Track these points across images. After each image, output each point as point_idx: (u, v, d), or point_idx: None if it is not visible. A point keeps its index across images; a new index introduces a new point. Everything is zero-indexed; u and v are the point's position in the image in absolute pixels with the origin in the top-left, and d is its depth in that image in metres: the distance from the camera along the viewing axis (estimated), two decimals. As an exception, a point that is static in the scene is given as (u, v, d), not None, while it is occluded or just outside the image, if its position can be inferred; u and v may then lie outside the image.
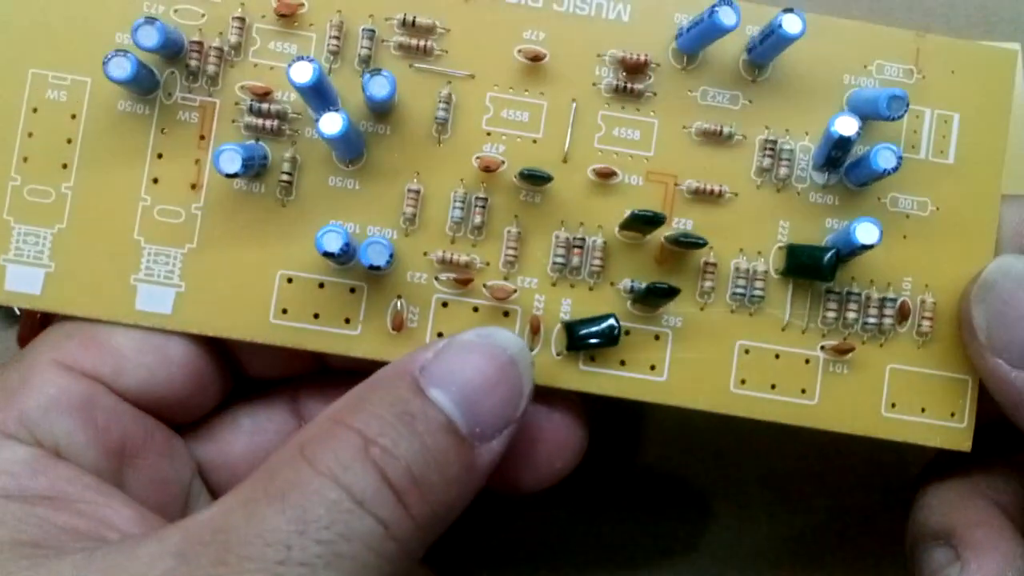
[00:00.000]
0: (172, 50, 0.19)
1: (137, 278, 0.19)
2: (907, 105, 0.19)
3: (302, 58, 0.18)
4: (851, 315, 0.20)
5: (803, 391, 0.20)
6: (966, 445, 0.20)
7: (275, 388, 0.22)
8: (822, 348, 0.20)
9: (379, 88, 0.18)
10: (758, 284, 0.20)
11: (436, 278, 0.20)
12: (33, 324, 0.24)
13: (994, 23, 0.31)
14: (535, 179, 0.19)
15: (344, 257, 0.19)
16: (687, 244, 0.19)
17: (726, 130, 0.20)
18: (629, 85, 0.20)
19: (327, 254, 0.18)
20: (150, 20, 0.18)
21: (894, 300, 0.20)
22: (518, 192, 0.20)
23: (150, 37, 0.18)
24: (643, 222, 0.19)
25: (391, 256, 0.18)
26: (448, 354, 0.18)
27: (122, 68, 0.18)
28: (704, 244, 0.19)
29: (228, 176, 0.18)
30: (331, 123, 0.18)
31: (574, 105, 0.20)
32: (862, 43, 0.21)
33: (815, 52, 0.20)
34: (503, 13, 0.20)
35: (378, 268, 0.18)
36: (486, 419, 0.17)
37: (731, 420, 0.20)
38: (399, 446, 0.16)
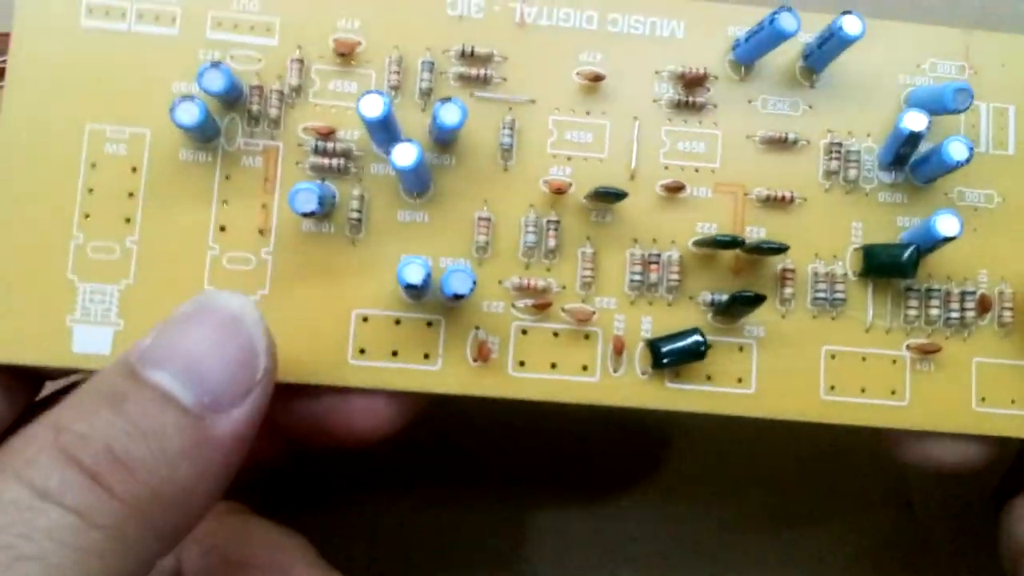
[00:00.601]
0: (233, 95, 0.19)
1: (210, 329, 0.19)
2: (972, 96, 0.19)
3: (372, 92, 0.18)
4: (933, 311, 0.20)
5: (893, 392, 0.20)
6: (1060, 433, 0.20)
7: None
8: (907, 347, 0.20)
9: (451, 116, 0.18)
10: (838, 287, 0.20)
11: (513, 305, 0.20)
12: None
13: (994, 23, 0.31)
14: (608, 197, 0.19)
15: (424, 289, 0.18)
16: (768, 251, 0.19)
17: (790, 136, 0.20)
18: (690, 99, 0.20)
19: (409, 287, 0.18)
20: (215, 64, 0.18)
21: (973, 293, 0.20)
22: (588, 213, 0.20)
23: (216, 81, 0.18)
24: (721, 246, 0.19)
25: (474, 283, 0.18)
26: (164, 332, 0.16)
27: (190, 114, 0.18)
28: (786, 249, 0.19)
29: (305, 216, 0.18)
30: (405, 154, 0.18)
31: (637, 123, 0.20)
32: (912, 43, 0.21)
33: (867, 55, 0.21)
34: (559, 37, 0.20)
35: (462, 297, 0.18)
36: (217, 387, 0.16)
37: (732, 421, 0.20)
38: (95, 428, 0.15)
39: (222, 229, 0.19)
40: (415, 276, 0.18)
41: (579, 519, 0.26)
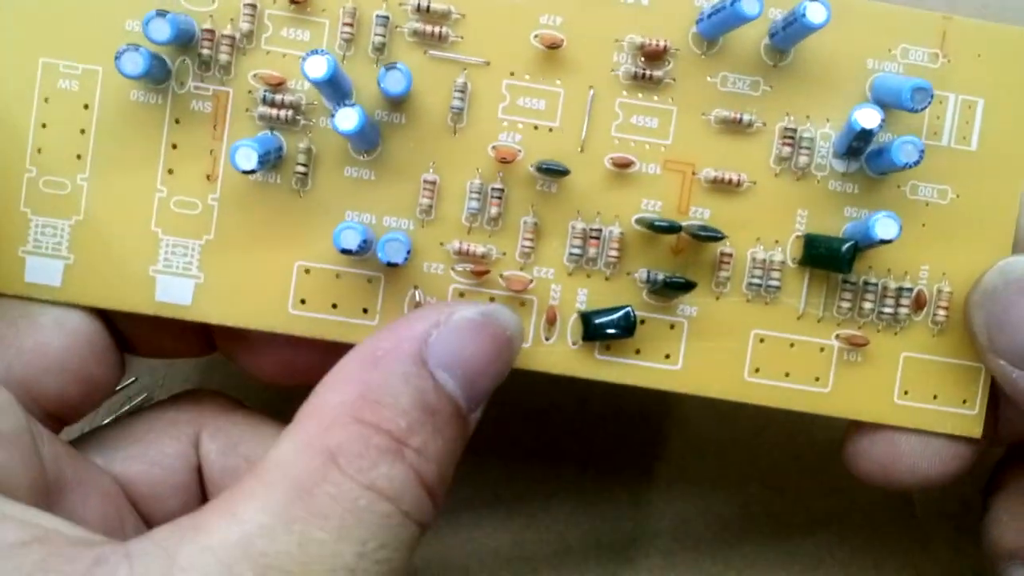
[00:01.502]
0: (183, 40, 0.19)
1: (156, 269, 0.20)
2: (931, 96, 0.19)
3: (316, 52, 0.18)
4: (867, 305, 0.20)
5: (816, 379, 0.20)
6: (976, 431, 0.21)
7: (177, 414, 0.21)
8: (837, 337, 0.20)
9: (395, 83, 0.18)
10: (774, 274, 0.20)
11: (453, 268, 0.20)
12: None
13: (994, 12, 0.30)
14: (552, 172, 0.19)
15: (362, 252, 0.19)
16: (705, 238, 0.19)
17: (746, 118, 0.20)
18: (648, 72, 0.20)
19: (345, 251, 0.18)
20: (161, 13, 0.18)
21: (910, 290, 0.20)
22: (534, 182, 0.20)
23: (162, 31, 0.18)
24: (660, 231, 0.19)
25: (408, 253, 0.18)
26: (451, 331, 0.17)
27: (135, 63, 0.18)
28: (722, 238, 0.19)
29: (245, 172, 0.18)
30: (347, 119, 0.18)
31: (592, 92, 0.20)
32: (887, 26, 0.20)
33: (839, 35, 0.20)
34: (520, -3, 0.20)
35: (396, 265, 0.18)
36: (481, 396, 0.18)
37: (731, 420, 0.20)
38: (428, 447, 0.16)
39: (170, 172, 0.20)
40: (351, 241, 0.18)
41: (578, 520, 0.27)
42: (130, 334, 0.20)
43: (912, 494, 0.27)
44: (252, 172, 0.18)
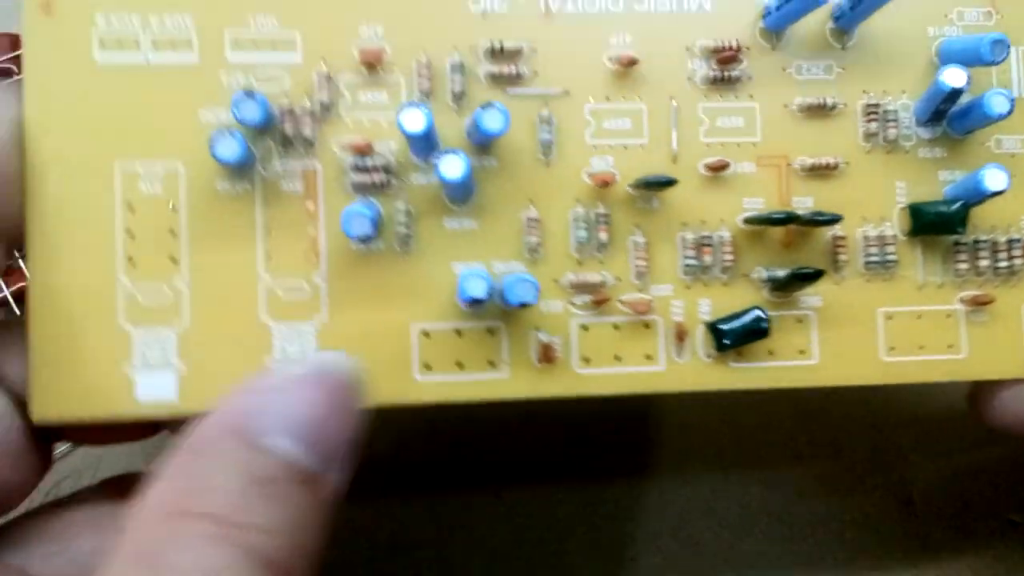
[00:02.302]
0: (269, 122, 0.18)
1: (273, 361, 0.19)
2: (1008, 47, 0.19)
3: (412, 104, 0.17)
4: (983, 263, 0.20)
5: (950, 346, 0.20)
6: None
7: (98, 506, 0.19)
8: (960, 300, 0.20)
9: (494, 122, 0.18)
10: (889, 249, 0.20)
11: (571, 302, 0.19)
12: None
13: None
14: (657, 185, 0.19)
15: (488, 301, 0.18)
16: (821, 222, 0.19)
17: (828, 101, 0.20)
18: (724, 73, 0.20)
19: (474, 301, 0.18)
20: (249, 94, 0.17)
21: (1019, 240, 0.20)
22: (634, 201, 0.20)
23: (252, 111, 0.17)
24: (776, 223, 0.19)
25: (538, 290, 0.18)
26: (276, 395, 0.16)
27: (231, 148, 0.17)
28: (839, 219, 0.19)
29: (360, 240, 0.17)
30: (453, 167, 0.18)
31: (674, 103, 0.20)
32: (938, -7, 0.21)
33: (895, 9, 0.20)
34: (586, 22, 0.20)
35: (528, 305, 0.18)
36: (333, 450, 0.16)
37: (731, 420, 0.20)
38: (264, 520, 0.15)
39: (270, 258, 0.19)
40: (478, 290, 0.18)
41: (578, 520, 0.26)
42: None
43: (912, 493, 0.27)
44: (368, 239, 0.18)
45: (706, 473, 0.27)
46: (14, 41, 0.29)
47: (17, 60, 0.29)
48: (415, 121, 0.17)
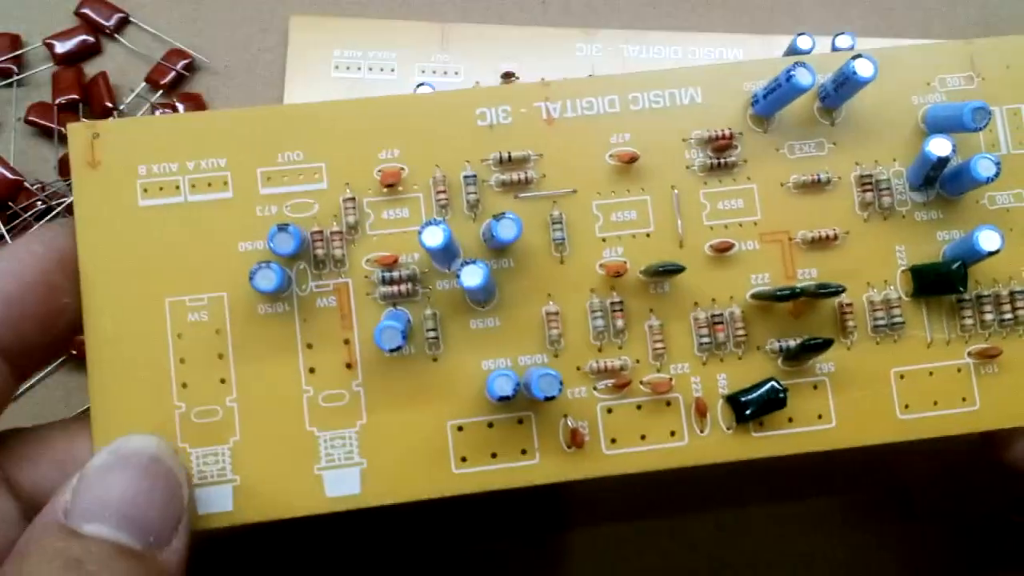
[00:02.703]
0: (302, 248, 0.20)
1: (320, 467, 0.20)
2: (989, 113, 0.20)
3: (431, 223, 0.19)
4: (988, 316, 0.21)
5: (963, 399, 0.21)
6: None
7: None
8: (969, 354, 0.21)
9: (507, 231, 0.19)
10: (895, 311, 0.21)
11: (594, 388, 0.21)
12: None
13: (993, 23, 0.32)
14: (668, 272, 0.20)
15: (516, 395, 0.19)
16: (826, 294, 0.20)
17: (822, 176, 0.21)
18: (720, 160, 0.21)
19: (502, 399, 0.19)
20: (283, 227, 0.19)
21: (1021, 292, 0.21)
22: (647, 287, 0.21)
23: (287, 244, 0.19)
24: (783, 299, 0.20)
25: (561, 383, 0.19)
26: (88, 485, 0.17)
27: (268, 279, 0.19)
28: (842, 291, 0.20)
29: (392, 352, 0.19)
30: (473, 275, 0.19)
31: (675, 192, 0.21)
32: (918, 63, 0.22)
33: (878, 82, 0.21)
34: (586, 125, 0.21)
35: (552, 398, 0.19)
36: (156, 525, 0.17)
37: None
38: None
39: (311, 371, 0.20)
40: (506, 388, 0.19)
41: (577, 520, 0.27)
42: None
43: (912, 494, 0.27)
44: (399, 349, 0.19)
45: (705, 474, 0.26)
46: (14, 41, 0.32)
47: (17, 60, 0.31)
48: (434, 237, 0.19)
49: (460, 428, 0.20)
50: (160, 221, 0.20)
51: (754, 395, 0.20)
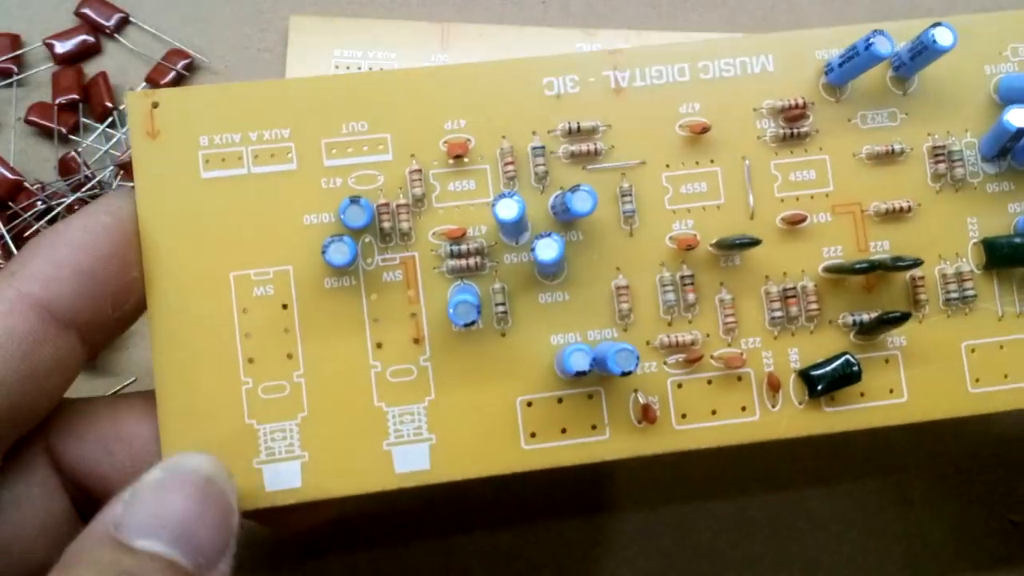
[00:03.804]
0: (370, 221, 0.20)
1: (389, 443, 0.20)
2: (1068, 80, 0.20)
3: (505, 195, 0.18)
4: (1060, 289, 0.21)
5: (1035, 373, 0.21)
6: None
7: (22, 446, 0.19)
8: (1041, 327, 0.21)
9: (583, 203, 0.19)
10: (967, 284, 0.21)
11: (665, 363, 0.20)
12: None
13: None
14: (743, 245, 0.20)
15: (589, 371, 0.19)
16: (903, 267, 0.20)
17: (895, 147, 0.21)
18: (792, 130, 0.21)
19: (579, 373, 0.19)
20: (355, 199, 0.19)
21: (1095, 263, 0.21)
22: (717, 260, 0.21)
23: (359, 216, 0.19)
24: (860, 272, 0.20)
25: (638, 358, 0.19)
26: (141, 500, 0.17)
27: (341, 253, 0.19)
28: (920, 263, 0.20)
29: (467, 326, 0.19)
30: (548, 248, 0.19)
31: (747, 163, 0.21)
32: (991, 32, 0.21)
33: (951, 52, 0.21)
34: (656, 95, 0.21)
35: (630, 373, 0.19)
36: (207, 546, 0.17)
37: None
38: None
39: (379, 346, 0.20)
40: (582, 364, 0.19)
41: (578, 520, 0.27)
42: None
43: (912, 493, 0.27)
44: (473, 324, 0.19)
45: (705, 474, 0.27)
46: (14, 41, 0.31)
47: (17, 60, 0.31)
48: (509, 210, 0.18)
49: (529, 404, 0.20)
50: (223, 193, 0.20)
51: (827, 369, 0.20)
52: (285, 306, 0.20)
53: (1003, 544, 0.28)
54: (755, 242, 0.20)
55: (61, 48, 0.31)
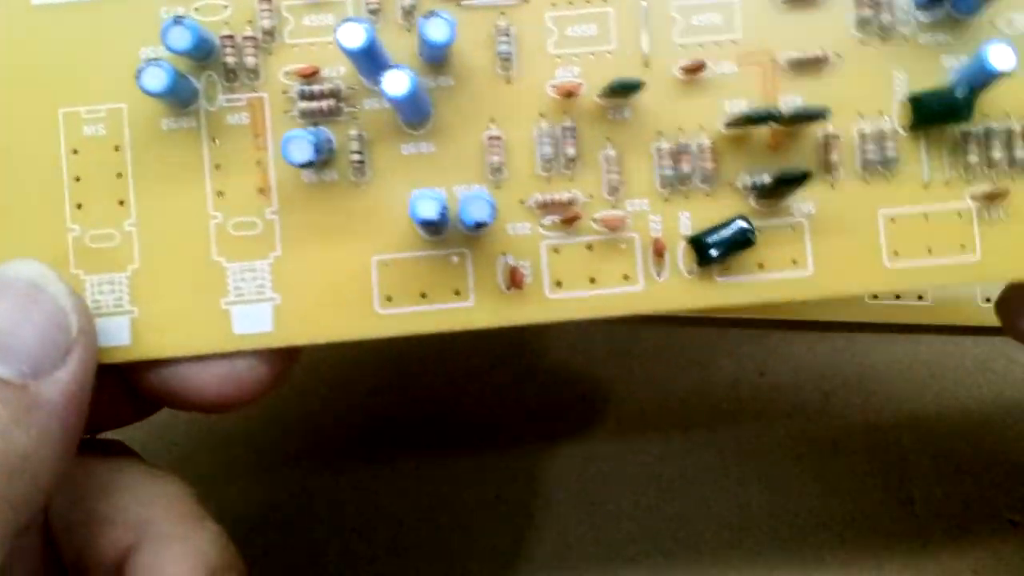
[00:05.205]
0: (205, 50, 0.18)
1: (228, 301, 0.18)
2: (1011, -94, 0.17)
3: (349, 20, 0.16)
4: (996, 154, 0.18)
5: (962, 247, 0.18)
6: None
7: None
8: (971, 197, 0.18)
9: (438, 31, 0.17)
10: (889, 145, 0.18)
11: (540, 224, 0.18)
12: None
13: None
14: (624, 89, 0.18)
15: (443, 224, 0.17)
16: (807, 118, 0.17)
17: (813, -12, 0.18)
18: (696, -34, 0.18)
19: (425, 223, 0.17)
20: (178, 20, 0.17)
21: (1038, 127, 0.18)
22: (604, 112, 0.18)
23: (182, 38, 0.17)
24: (755, 122, 0.18)
25: (494, 207, 0.17)
26: None
27: (157, 78, 0.17)
28: (826, 113, 0.17)
29: (302, 166, 0.17)
30: (397, 83, 0.16)
31: (643, 4, 0.18)
32: None
33: None
34: (541, -76, 0.18)
35: (484, 225, 0.17)
36: (32, 353, 0.16)
37: (731, 421, 0.19)
38: None
39: (220, 195, 0.18)
40: (429, 211, 0.17)
41: (578, 519, 0.26)
42: None
43: (912, 492, 0.27)
44: (310, 164, 0.17)
45: (705, 474, 0.27)
46: None
47: None
48: (353, 36, 0.16)
49: (386, 264, 0.18)
50: (55, 22, 0.18)
51: (720, 234, 0.18)
52: (117, 148, 0.18)
53: (1003, 544, 0.27)
54: (636, 84, 0.17)
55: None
